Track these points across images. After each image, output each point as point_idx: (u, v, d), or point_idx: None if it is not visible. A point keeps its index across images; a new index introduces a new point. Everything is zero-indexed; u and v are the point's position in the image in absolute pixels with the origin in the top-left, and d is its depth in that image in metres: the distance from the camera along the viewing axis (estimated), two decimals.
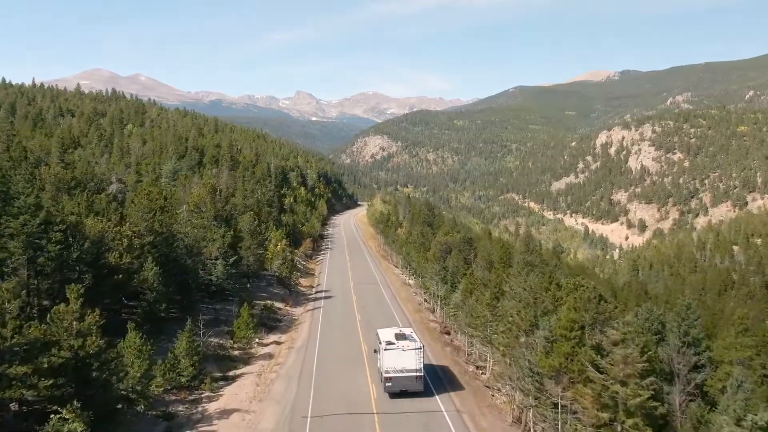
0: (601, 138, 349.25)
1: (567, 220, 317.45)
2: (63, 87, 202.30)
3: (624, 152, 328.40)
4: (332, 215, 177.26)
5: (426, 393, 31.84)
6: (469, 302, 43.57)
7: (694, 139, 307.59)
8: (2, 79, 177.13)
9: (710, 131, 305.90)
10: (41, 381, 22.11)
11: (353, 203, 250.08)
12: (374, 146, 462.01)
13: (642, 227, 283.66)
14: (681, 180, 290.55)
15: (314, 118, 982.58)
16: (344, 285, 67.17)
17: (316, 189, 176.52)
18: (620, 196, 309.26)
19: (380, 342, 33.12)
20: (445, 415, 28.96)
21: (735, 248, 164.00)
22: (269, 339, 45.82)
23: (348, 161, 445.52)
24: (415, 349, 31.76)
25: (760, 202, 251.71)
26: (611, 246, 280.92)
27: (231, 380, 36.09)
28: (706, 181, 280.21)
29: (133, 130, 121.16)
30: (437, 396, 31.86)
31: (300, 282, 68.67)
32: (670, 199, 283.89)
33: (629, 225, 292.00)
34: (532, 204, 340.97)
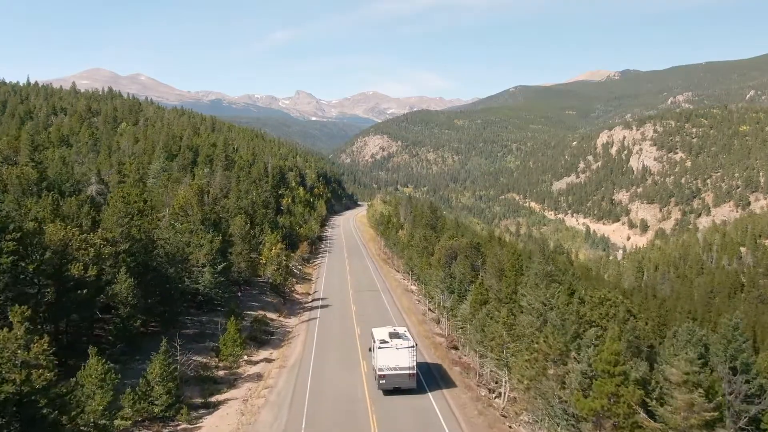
0: (602, 138, 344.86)
1: (568, 221, 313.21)
2: (59, 86, 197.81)
3: (625, 152, 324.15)
4: (331, 216, 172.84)
5: (419, 390, 32.18)
6: (480, 315, 39.18)
7: (696, 139, 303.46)
8: None
9: (712, 131, 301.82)
10: None
11: (353, 203, 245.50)
12: (374, 146, 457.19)
13: (644, 227, 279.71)
14: (683, 180, 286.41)
15: (314, 118, 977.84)
16: (343, 292, 62.70)
17: (315, 189, 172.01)
18: (622, 196, 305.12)
19: (374, 340, 33.67)
20: None
21: (742, 249, 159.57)
22: (259, 355, 41.35)
23: (348, 161, 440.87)
24: (409, 348, 32.09)
25: (763, 202, 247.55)
26: (613, 246, 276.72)
27: (213, 408, 31.62)
28: (708, 181, 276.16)
29: (126, 129, 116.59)
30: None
31: (295, 289, 64.15)
32: (672, 199, 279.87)
33: (631, 225, 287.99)
34: (533, 204, 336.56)
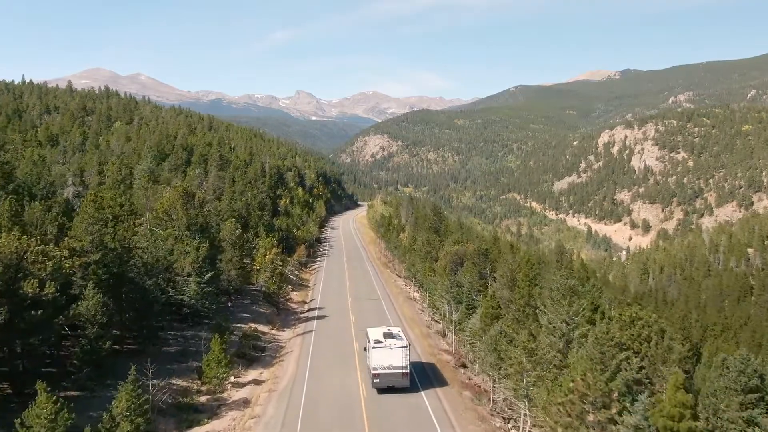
0: (604, 137, 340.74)
1: (569, 220, 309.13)
2: (55, 85, 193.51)
3: (627, 151, 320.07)
4: (331, 216, 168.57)
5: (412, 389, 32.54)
6: (492, 332, 34.98)
7: (698, 139, 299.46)
8: None
9: (714, 130, 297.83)
10: None
11: (353, 204, 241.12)
12: (374, 146, 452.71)
13: (646, 228, 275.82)
14: (685, 180, 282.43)
15: (314, 118, 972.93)
16: (341, 300, 58.42)
17: (315, 189, 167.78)
18: (623, 196, 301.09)
19: (369, 340, 33.97)
20: None
21: (749, 251, 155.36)
22: (247, 376, 37.10)
23: (348, 161, 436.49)
24: (402, 348, 32.59)
25: (766, 202, 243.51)
26: (614, 247, 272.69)
27: None
28: (711, 181, 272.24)
29: (119, 128, 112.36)
30: None
31: (291, 297, 59.86)
32: (674, 199, 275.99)
33: (633, 225, 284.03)
34: (534, 204, 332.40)
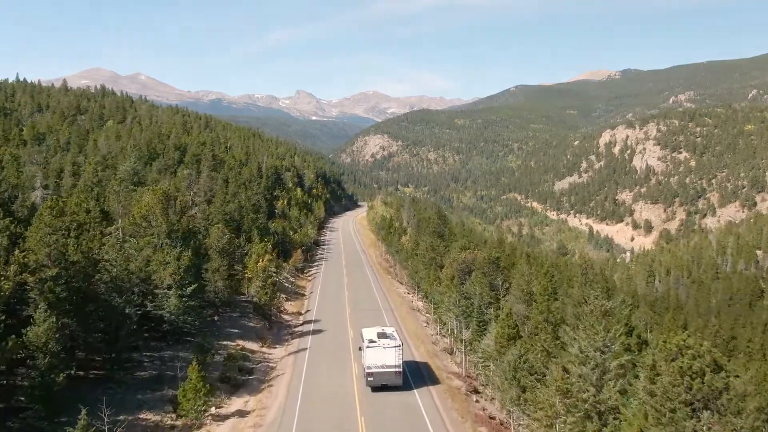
0: (605, 137, 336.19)
1: (571, 221, 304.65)
2: (50, 84, 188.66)
3: (628, 151, 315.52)
4: (330, 218, 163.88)
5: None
6: (510, 357, 30.34)
7: (701, 138, 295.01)
8: None
9: (716, 130, 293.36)
10: None
11: (353, 204, 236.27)
12: (374, 145, 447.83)
13: (648, 228, 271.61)
14: (687, 180, 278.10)
15: (314, 118, 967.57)
16: (339, 311, 53.70)
17: (314, 190, 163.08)
18: (625, 196, 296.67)
19: (363, 340, 34.35)
20: None
21: (758, 253, 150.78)
22: (231, 405, 32.37)
23: (348, 161, 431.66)
24: (395, 347, 32.86)
25: None
26: (616, 247, 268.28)
27: None
28: (714, 181, 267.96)
29: (111, 127, 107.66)
30: None
31: (285, 307, 55.09)
32: (677, 199, 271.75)
33: (635, 225, 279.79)
34: (535, 204, 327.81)
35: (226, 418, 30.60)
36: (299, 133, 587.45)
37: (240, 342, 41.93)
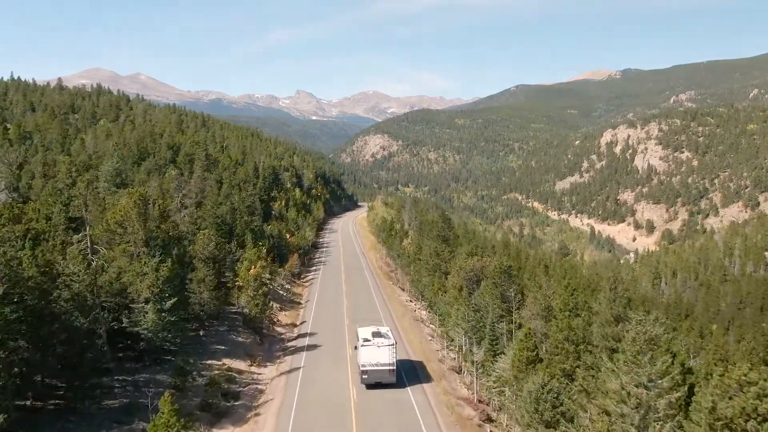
0: (606, 137, 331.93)
1: (572, 221, 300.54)
2: (46, 83, 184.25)
3: (630, 151, 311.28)
4: (330, 218, 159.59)
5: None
6: (531, 386, 26.14)
7: (703, 138, 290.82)
8: None
9: (719, 129, 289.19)
10: None
11: (353, 204, 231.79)
12: (375, 145, 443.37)
13: (650, 228, 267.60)
14: (690, 179, 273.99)
15: (314, 118, 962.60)
16: (337, 323, 49.43)
17: (313, 190, 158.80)
18: (627, 196, 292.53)
19: (359, 339, 34.74)
20: None
21: (766, 254, 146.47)
22: None
23: (348, 160, 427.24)
24: (389, 346, 33.14)
25: None
26: (618, 247, 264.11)
27: None
28: (716, 181, 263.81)
29: (103, 126, 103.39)
30: None
31: (279, 318, 50.78)
32: (679, 199, 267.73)
33: (637, 226, 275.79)
34: (536, 204, 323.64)
35: None
36: (299, 133, 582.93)
37: (226, 361, 37.64)
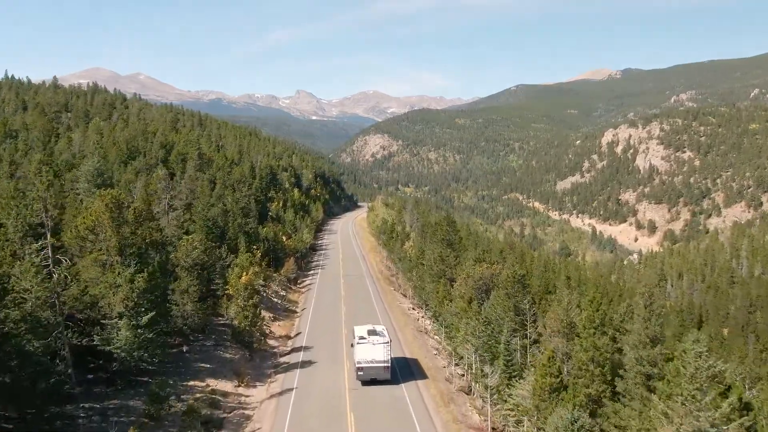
0: (607, 136, 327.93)
1: (573, 221, 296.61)
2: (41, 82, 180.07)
3: (631, 151, 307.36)
4: (329, 219, 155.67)
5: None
6: (558, 420, 22.24)
7: (705, 137, 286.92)
8: None
9: (721, 129, 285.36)
10: None
11: (353, 205, 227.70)
12: (375, 145, 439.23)
13: (652, 228, 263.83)
14: (692, 179, 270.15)
15: (314, 117, 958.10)
16: (334, 335, 45.45)
17: (312, 191, 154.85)
18: (628, 196, 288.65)
19: (355, 337, 35.24)
20: None
21: None
22: None
23: (348, 160, 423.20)
24: (384, 343, 33.77)
25: None
26: (620, 248, 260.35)
27: None
28: (719, 181, 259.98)
29: (95, 125, 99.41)
30: None
31: (271, 330, 46.73)
32: (681, 199, 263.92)
33: (638, 226, 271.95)
34: (537, 204, 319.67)
35: None
36: (299, 133, 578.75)
37: (211, 381, 33.63)
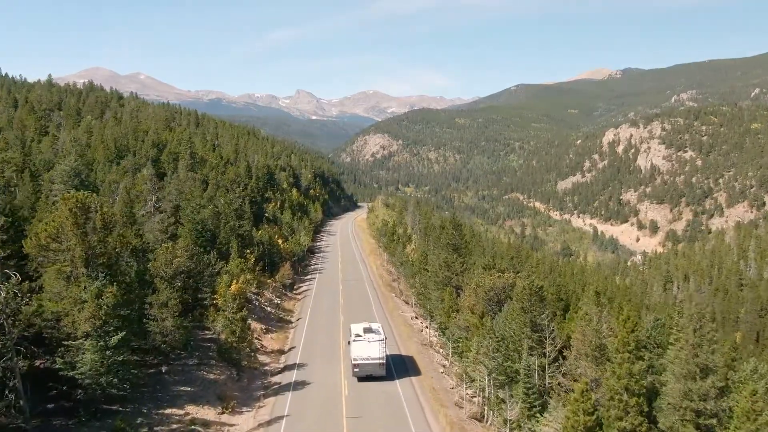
0: (608, 136, 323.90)
1: (574, 221, 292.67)
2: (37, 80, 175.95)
3: (632, 150, 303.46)
4: (329, 220, 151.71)
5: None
6: None
7: (706, 137, 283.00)
8: None
9: (722, 128, 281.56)
10: None
11: (352, 205, 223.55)
12: (375, 145, 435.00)
13: (654, 228, 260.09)
14: (694, 179, 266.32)
15: (314, 117, 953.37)
16: (332, 350, 41.22)
17: (312, 191, 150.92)
18: (630, 196, 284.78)
19: (351, 334, 35.32)
20: None
21: None
22: None
23: (348, 160, 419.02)
24: (379, 341, 34.07)
25: None
26: (622, 248, 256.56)
27: None
28: (721, 181, 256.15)
29: (85, 123, 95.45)
30: None
31: (263, 344, 42.60)
32: (683, 199, 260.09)
33: (640, 226, 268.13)
34: (538, 204, 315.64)
35: None
36: (299, 133, 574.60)
37: (191, 408, 29.56)
